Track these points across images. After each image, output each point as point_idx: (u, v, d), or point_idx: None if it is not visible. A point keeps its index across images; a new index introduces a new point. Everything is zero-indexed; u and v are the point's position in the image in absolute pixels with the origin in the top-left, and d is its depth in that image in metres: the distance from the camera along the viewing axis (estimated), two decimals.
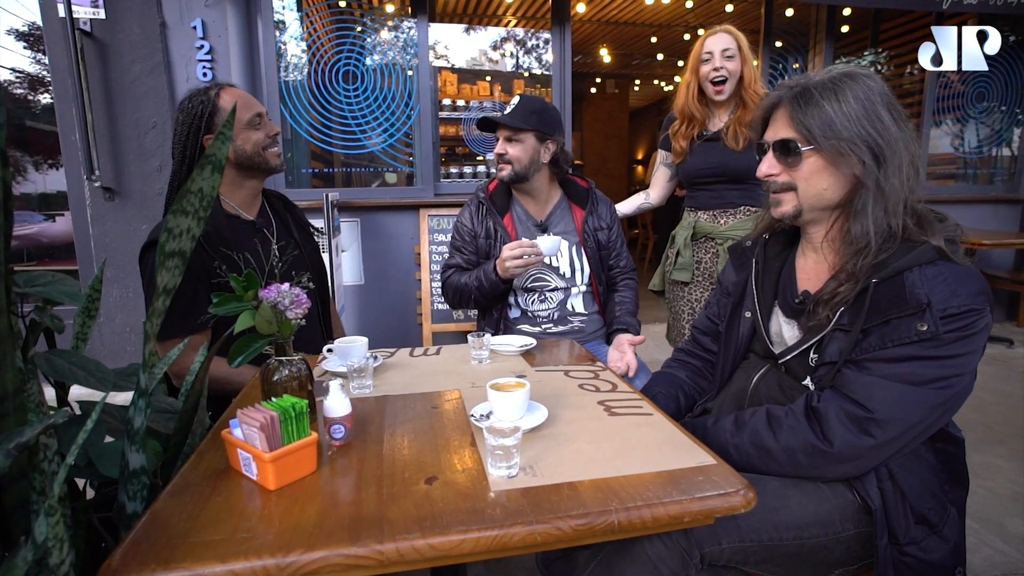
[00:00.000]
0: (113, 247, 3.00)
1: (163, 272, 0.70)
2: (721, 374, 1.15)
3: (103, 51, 2.86)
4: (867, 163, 0.90)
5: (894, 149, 0.89)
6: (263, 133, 1.43)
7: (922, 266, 0.86)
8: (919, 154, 0.92)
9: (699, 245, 1.97)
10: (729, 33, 1.82)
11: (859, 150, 0.89)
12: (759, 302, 1.09)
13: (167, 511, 0.67)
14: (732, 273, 1.19)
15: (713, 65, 1.81)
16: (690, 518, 0.68)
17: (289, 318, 0.86)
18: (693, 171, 1.94)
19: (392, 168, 3.53)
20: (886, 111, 0.90)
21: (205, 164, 0.72)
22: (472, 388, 1.10)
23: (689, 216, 2.00)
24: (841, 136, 0.89)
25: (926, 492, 0.92)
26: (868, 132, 0.89)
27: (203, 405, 0.89)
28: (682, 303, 2.03)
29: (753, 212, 1.89)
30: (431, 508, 0.67)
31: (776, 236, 1.13)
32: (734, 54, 1.80)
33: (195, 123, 1.39)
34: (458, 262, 1.79)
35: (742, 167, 1.82)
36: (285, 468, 0.72)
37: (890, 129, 0.89)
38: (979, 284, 0.85)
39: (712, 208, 1.94)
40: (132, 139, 2.94)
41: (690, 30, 5.73)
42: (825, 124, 0.90)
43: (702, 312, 1.30)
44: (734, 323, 1.14)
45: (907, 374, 0.84)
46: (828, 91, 0.91)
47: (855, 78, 0.91)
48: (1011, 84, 4.30)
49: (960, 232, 0.91)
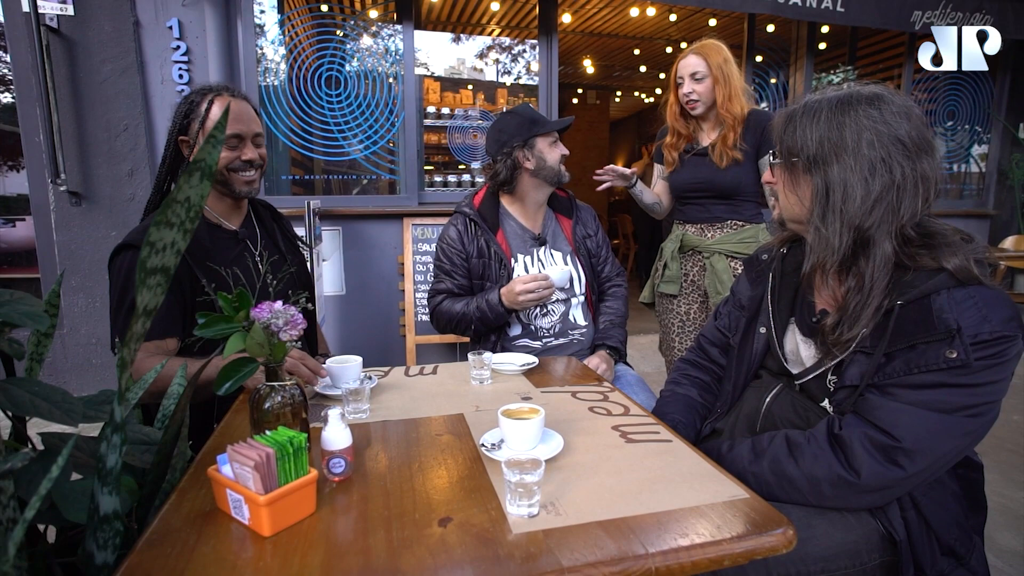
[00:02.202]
0: (79, 254, 2.84)
1: (143, 291, 0.61)
2: (732, 391, 1.11)
3: (71, 49, 2.71)
4: (815, 182, 0.90)
5: (844, 178, 0.87)
6: (236, 154, 1.34)
7: (951, 289, 0.82)
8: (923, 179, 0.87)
9: (687, 258, 1.99)
10: (699, 54, 1.84)
11: (812, 172, 0.89)
12: (775, 318, 1.06)
13: (145, 565, 0.59)
14: (747, 287, 1.16)
15: (683, 89, 1.86)
16: (730, 560, 0.63)
17: (283, 340, 0.78)
18: (682, 185, 1.97)
19: (375, 176, 3.44)
20: (864, 139, 0.86)
21: (194, 171, 0.64)
22: (476, 412, 1.03)
23: (677, 229, 2.02)
24: (796, 154, 0.91)
25: (951, 521, 0.89)
26: (823, 156, 0.88)
27: (184, 436, 0.80)
28: (671, 315, 2.04)
29: (740, 226, 1.91)
30: (448, 556, 0.60)
31: (794, 250, 1.09)
32: (704, 75, 1.83)
33: (175, 121, 1.34)
34: (448, 287, 1.68)
35: (728, 183, 1.87)
36: (282, 511, 0.64)
37: (862, 152, 0.86)
38: (1010, 309, 0.81)
39: (699, 222, 1.96)
40: (102, 142, 2.80)
41: (672, 43, 5.80)
42: (792, 142, 0.92)
43: (710, 322, 1.26)
44: (748, 338, 1.10)
45: (935, 401, 0.81)
46: (809, 112, 0.91)
47: (848, 102, 0.88)
48: (978, 102, 4.45)
49: (989, 253, 0.88)
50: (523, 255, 1.70)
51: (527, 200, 1.71)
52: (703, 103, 1.85)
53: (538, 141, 1.63)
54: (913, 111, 0.88)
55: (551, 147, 1.65)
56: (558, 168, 1.66)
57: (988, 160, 4.59)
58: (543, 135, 1.63)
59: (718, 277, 1.87)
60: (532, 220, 1.74)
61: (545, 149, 1.63)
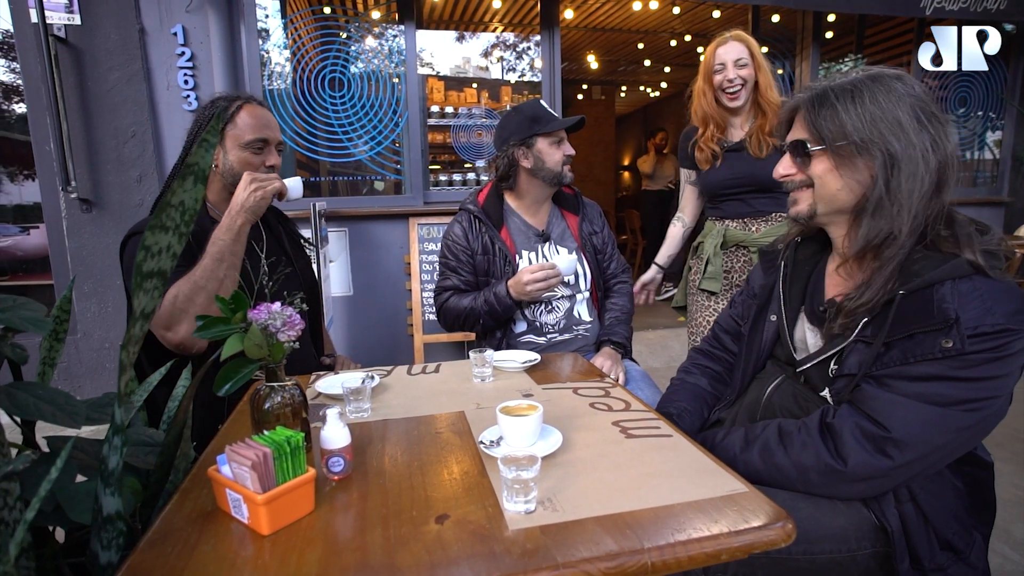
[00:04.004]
0: (91, 260, 2.88)
1: (140, 295, 0.62)
2: (741, 379, 1.11)
3: (79, 58, 2.75)
4: (877, 167, 0.86)
5: (910, 154, 0.85)
6: (260, 160, 1.36)
7: (956, 280, 0.80)
8: (951, 162, 0.86)
9: (729, 254, 1.89)
10: (741, 41, 1.77)
11: (868, 153, 0.86)
12: (785, 307, 1.05)
13: (146, 564, 0.60)
14: (760, 275, 1.15)
15: (726, 76, 1.77)
16: (728, 555, 0.63)
17: (281, 341, 0.79)
18: (719, 182, 1.88)
19: (380, 176, 3.46)
20: (910, 115, 0.85)
21: (187, 174, 0.65)
22: (477, 409, 1.03)
23: (716, 225, 1.92)
24: (850, 138, 0.87)
25: (950, 516, 0.87)
26: (881, 135, 0.85)
27: (187, 437, 0.81)
28: (707, 314, 1.93)
29: (784, 218, 1.82)
30: (445, 553, 0.61)
31: (808, 241, 1.08)
32: (747, 62, 1.76)
33: (198, 124, 1.36)
34: (454, 283, 1.67)
35: (769, 175, 1.79)
36: (280, 510, 0.65)
37: (909, 134, 0.85)
38: (1018, 302, 0.79)
39: (742, 216, 1.87)
40: (110, 149, 2.83)
41: (676, 36, 5.75)
42: (837, 126, 0.88)
43: (726, 310, 1.25)
44: (758, 326, 1.09)
45: (930, 394, 0.79)
46: (845, 93, 0.88)
47: (880, 80, 0.87)
48: (991, 89, 4.37)
49: (1004, 245, 0.85)
50: (527, 251, 1.69)
51: (529, 197, 1.71)
52: (747, 88, 1.77)
53: (539, 140, 1.61)
54: None
55: (553, 147, 1.62)
56: (559, 170, 1.63)
57: (1002, 147, 4.50)
58: (544, 134, 1.61)
59: None
60: (536, 217, 1.74)
61: (545, 149, 1.61)
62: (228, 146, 1.34)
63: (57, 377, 2.96)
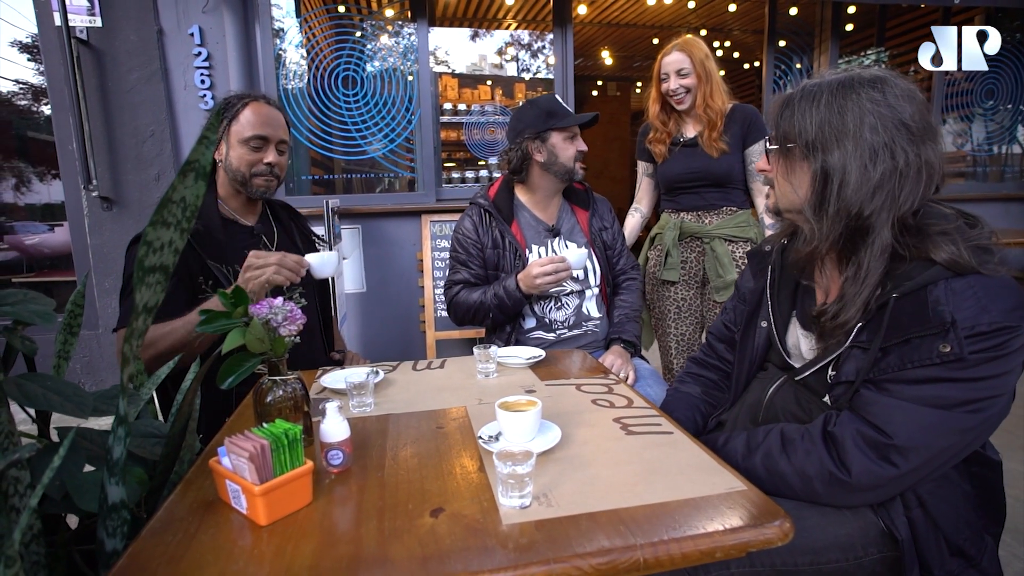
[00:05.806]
0: (111, 257, 2.96)
1: (142, 289, 0.64)
2: (736, 385, 1.09)
3: (100, 59, 2.82)
4: (814, 171, 0.85)
5: (845, 164, 0.82)
6: (258, 157, 1.38)
7: (949, 279, 0.77)
8: (927, 164, 0.82)
9: (685, 245, 2.02)
10: (683, 51, 1.88)
11: (810, 158, 0.85)
12: (775, 312, 1.03)
13: (147, 551, 0.61)
14: (750, 279, 1.13)
15: (669, 85, 1.91)
16: (722, 553, 0.62)
17: (282, 335, 0.80)
18: (675, 175, 2.00)
19: (394, 174, 3.48)
20: (866, 123, 0.82)
21: (188, 171, 0.66)
22: (479, 405, 1.03)
23: (671, 217, 2.04)
24: (797, 141, 0.87)
25: (960, 520, 0.85)
26: (824, 141, 0.84)
27: (192, 429, 0.83)
28: (667, 302, 2.06)
29: (734, 211, 1.97)
30: (437, 546, 0.61)
31: (793, 242, 1.06)
32: (689, 71, 1.87)
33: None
34: (465, 277, 1.68)
35: (722, 171, 1.92)
36: (277, 501, 0.66)
37: (855, 141, 0.82)
38: (1015, 298, 0.76)
39: (696, 209, 1.99)
40: (130, 148, 2.90)
41: (693, 31, 5.68)
42: (791, 127, 0.88)
43: (718, 318, 1.24)
44: (750, 332, 1.07)
45: (930, 396, 0.77)
46: (808, 95, 0.87)
47: (848, 85, 0.84)
48: (1019, 81, 4.23)
49: (995, 238, 0.82)
50: (537, 246, 1.69)
51: (540, 191, 1.71)
52: (691, 94, 1.90)
53: (553, 135, 1.61)
54: (916, 94, 0.84)
55: (567, 142, 1.62)
56: (571, 165, 1.64)
57: None
58: (559, 129, 1.61)
59: (719, 261, 1.92)
60: (546, 212, 1.74)
61: (559, 144, 1.62)
62: (231, 142, 1.36)
63: (79, 371, 3.04)
